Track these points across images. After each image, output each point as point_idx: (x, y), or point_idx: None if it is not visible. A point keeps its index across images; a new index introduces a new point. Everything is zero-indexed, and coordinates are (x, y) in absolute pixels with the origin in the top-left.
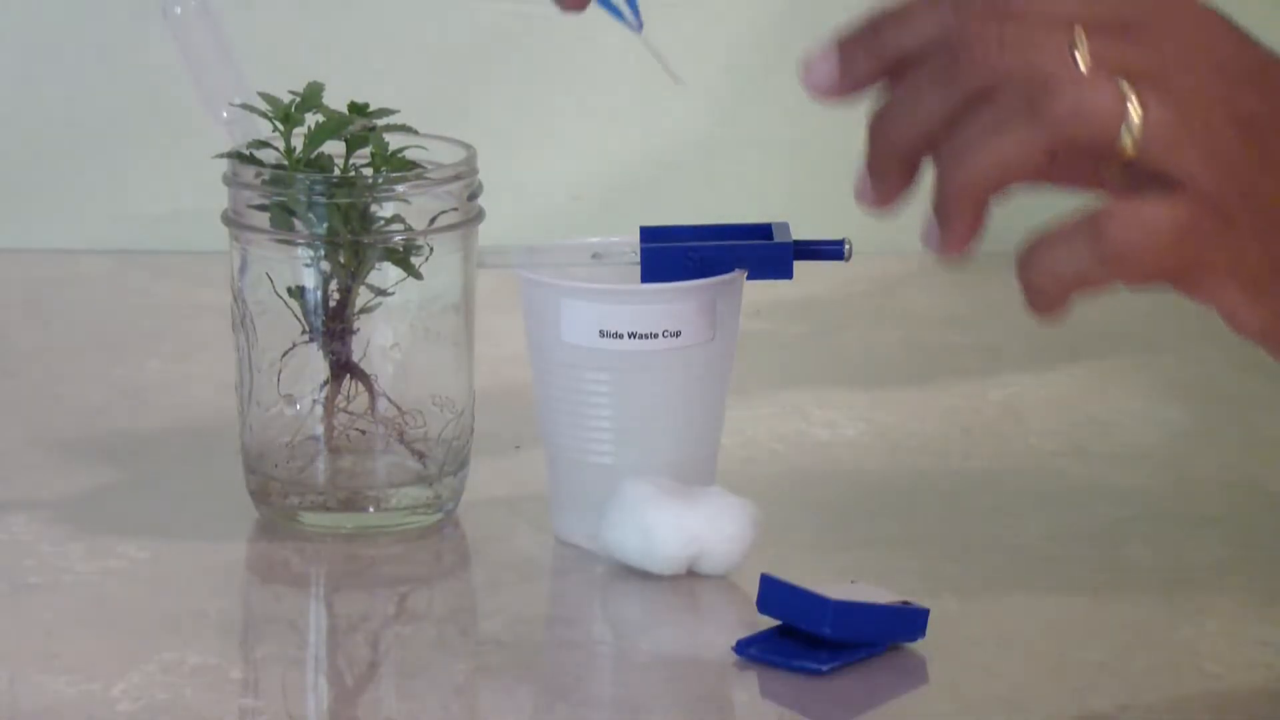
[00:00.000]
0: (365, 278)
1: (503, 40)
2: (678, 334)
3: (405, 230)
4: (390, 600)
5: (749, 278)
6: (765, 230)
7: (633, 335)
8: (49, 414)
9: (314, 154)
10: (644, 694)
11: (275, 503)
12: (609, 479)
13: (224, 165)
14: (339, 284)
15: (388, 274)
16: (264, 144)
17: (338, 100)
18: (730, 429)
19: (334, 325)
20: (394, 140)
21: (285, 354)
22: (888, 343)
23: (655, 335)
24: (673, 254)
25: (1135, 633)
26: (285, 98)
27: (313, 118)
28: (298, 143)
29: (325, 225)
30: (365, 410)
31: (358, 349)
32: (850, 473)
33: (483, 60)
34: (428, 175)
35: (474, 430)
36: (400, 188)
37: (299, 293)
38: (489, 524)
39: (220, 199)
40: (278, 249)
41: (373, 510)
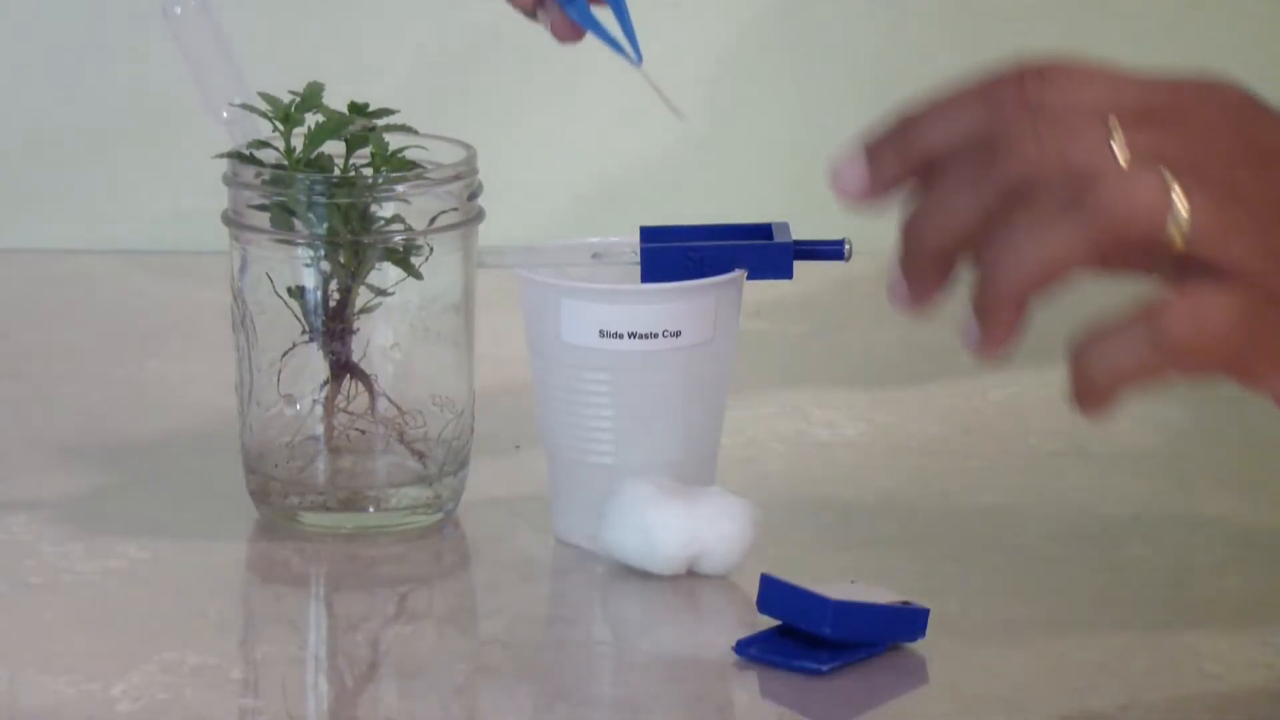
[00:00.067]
0: (365, 278)
1: (502, 40)
2: (678, 334)
3: (405, 230)
4: (390, 600)
5: (749, 278)
6: (765, 230)
7: (633, 335)
8: (49, 414)
9: (314, 154)
10: (644, 694)
11: (275, 503)
12: (609, 479)
13: (224, 165)
14: (339, 284)
15: (388, 274)
16: (264, 144)
17: (338, 100)
18: (730, 429)
19: (334, 325)
20: (394, 140)
21: (285, 354)
22: (888, 343)
23: (655, 335)
24: (673, 254)
25: (1135, 633)
26: (285, 98)
27: (313, 118)
28: (298, 143)
29: (325, 225)
30: (365, 410)
31: (358, 349)
32: (850, 473)
33: (483, 60)
34: (428, 175)
35: (474, 430)
36: (400, 188)
37: (299, 293)
38: (489, 524)
39: (220, 199)
40: (278, 249)
41: (373, 510)
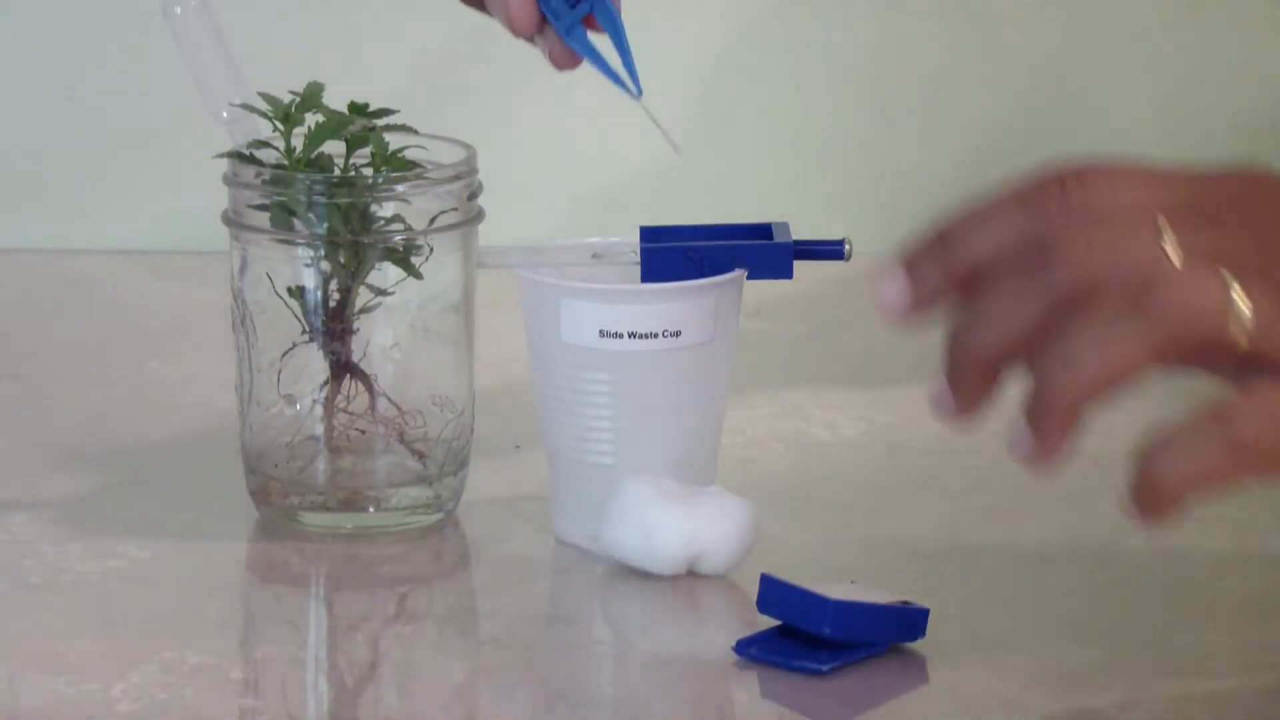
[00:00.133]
0: (365, 278)
1: (503, 40)
2: (678, 334)
3: (405, 230)
4: (390, 600)
5: (749, 278)
6: (765, 230)
7: (633, 335)
8: (49, 414)
9: (314, 154)
10: (644, 694)
11: (275, 503)
12: (609, 479)
13: (224, 165)
14: (339, 284)
15: (388, 274)
16: (264, 144)
17: (338, 100)
18: (730, 429)
19: (334, 325)
20: (394, 140)
21: (285, 354)
22: (888, 343)
23: (655, 335)
24: (673, 254)
25: (1135, 633)
26: (285, 98)
27: (313, 118)
28: (298, 143)
29: (325, 225)
30: (365, 410)
31: (358, 349)
32: (850, 473)
33: (483, 60)
34: (428, 175)
35: (474, 430)
36: (400, 188)
37: (299, 293)
38: (489, 524)
39: (220, 199)
40: (278, 249)
41: (373, 510)
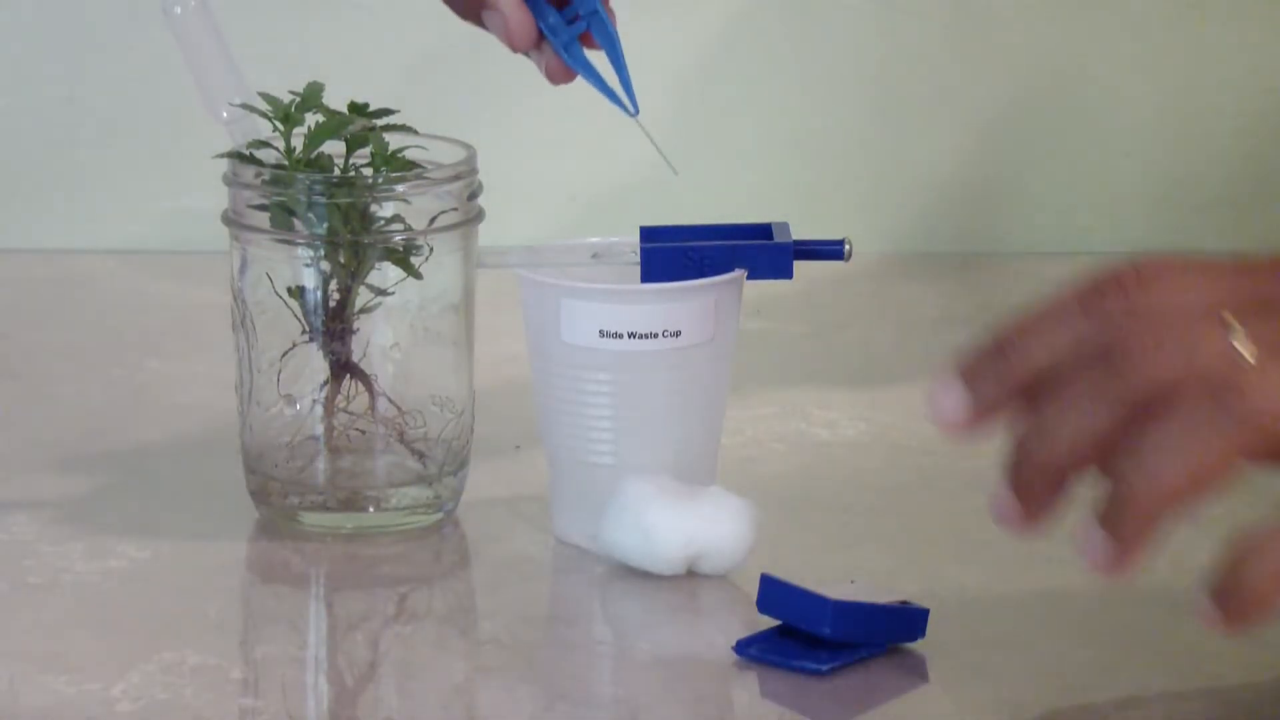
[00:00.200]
0: (365, 278)
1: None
2: (678, 334)
3: (405, 230)
4: (390, 600)
5: (749, 278)
6: (765, 230)
7: (633, 335)
8: (49, 414)
9: (314, 154)
10: (644, 694)
11: (275, 503)
12: (609, 479)
13: (224, 165)
14: (339, 284)
15: (388, 274)
16: (264, 144)
17: (338, 100)
18: (730, 429)
19: (334, 325)
20: (394, 140)
21: (285, 354)
22: (888, 343)
23: (655, 335)
24: (673, 254)
25: (1135, 633)
26: (285, 98)
27: (313, 118)
28: (298, 143)
29: (325, 225)
30: (365, 410)
31: (358, 349)
32: (850, 473)
33: (483, 60)
34: (428, 175)
35: (474, 430)
36: (400, 188)
37: (299, 293)
38: (489, 524)
39: (220, 199)
40: (278, 249)
41: (373, 510)
